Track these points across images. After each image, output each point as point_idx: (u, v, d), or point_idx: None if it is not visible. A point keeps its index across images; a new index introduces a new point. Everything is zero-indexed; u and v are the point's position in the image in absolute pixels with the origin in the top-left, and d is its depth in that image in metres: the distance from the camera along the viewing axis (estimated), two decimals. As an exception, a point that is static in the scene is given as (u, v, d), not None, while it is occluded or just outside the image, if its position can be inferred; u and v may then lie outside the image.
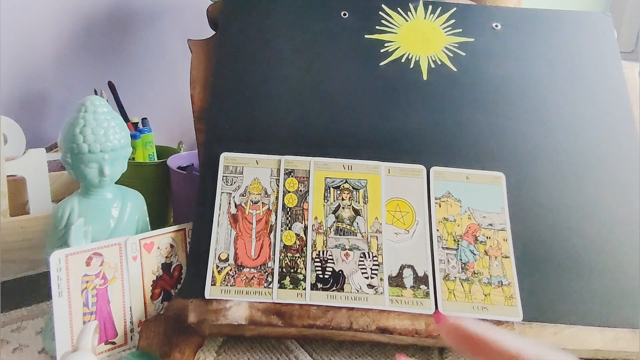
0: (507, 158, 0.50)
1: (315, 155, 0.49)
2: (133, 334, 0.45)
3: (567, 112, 0.52)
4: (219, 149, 0.49)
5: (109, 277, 0.44)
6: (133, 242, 0.45)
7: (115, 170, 0.46)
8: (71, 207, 0.45)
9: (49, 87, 0.80)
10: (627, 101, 0.53)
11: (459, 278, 0.45)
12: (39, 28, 0.78)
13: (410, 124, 0.51)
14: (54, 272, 0.41)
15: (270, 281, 0.44)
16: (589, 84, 0.54)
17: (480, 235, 0.47)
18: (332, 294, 0.44)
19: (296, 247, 0.46)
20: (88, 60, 0.83)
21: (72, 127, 0.44)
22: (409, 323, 0.43)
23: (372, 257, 0.46)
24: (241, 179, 0.48)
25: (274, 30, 0.54)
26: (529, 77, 0.54)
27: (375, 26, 0.55)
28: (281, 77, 0.52)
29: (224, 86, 0.52)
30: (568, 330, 0.43)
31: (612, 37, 0.56)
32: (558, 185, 0.49)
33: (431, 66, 0.54)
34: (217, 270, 0.45)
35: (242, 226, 0.46)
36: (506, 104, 0.52)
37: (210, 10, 0.57)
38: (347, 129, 0.51)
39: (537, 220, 0.48)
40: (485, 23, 0.56)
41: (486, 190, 0.49)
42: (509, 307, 0.44)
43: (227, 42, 0.54)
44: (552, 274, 0.46)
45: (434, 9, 0.56)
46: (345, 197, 0.48)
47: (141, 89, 0.90)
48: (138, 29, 0.88)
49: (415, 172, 0.49)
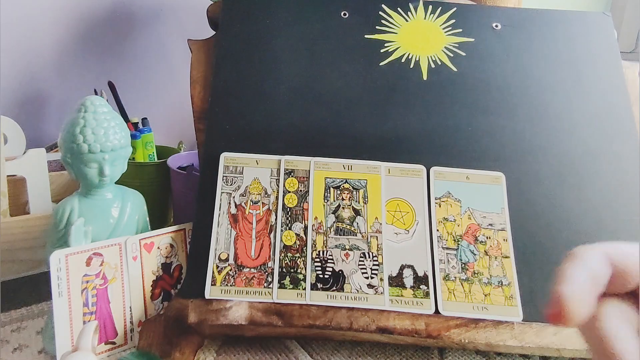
0: (507, 158, 0.50)
1: (315, 155, 0.49)
2: (133, 334, 0.45)
3: (567, 112, 0.52)
4: (219, 149, 0.49)
5: (109, 277, 0.44)
6: (133, 242, 0.45)
7: (115, 170, 0.46)
8: (71, 207, 0.45)
9: (49, 87, 0.80)
10: (627, 101, 0.53)
11: (459, 278, 0.45)
12: (39, 28, 0.78)
13: (410, 123, 0.51)
14: (54, 272, 0.41)
15: (270, 281, 0.44)
16: (589, 84, 0.54)
17: (480, 235, 0.47)
18: (332, 294, 0.44)
19: (296, 247, 0.46)
20: (88, 60, 0.83)
21: (72, 127, 0.44)
22: (409, 323, 0.43)
23: (372, 257, 0.46)
24: (241, 179, 0.48)
25: (274, 30, 0.54)
26: (529, 77, 0.54)
27: (375, 26, 0.55)
28: (281, 77, 0.52)
29: (224, 86, 0.52)
30: (568, 330, 0.43)
31: (612, 37, 0.56)
32: (558, 185, 0.49)
33: (431, 66, 0.54)
34: (217, 270, 0.45)
35: (242, 226, 0.46)
36: (506, 104, 0.52)
37: (210, 10, 0.57)
38: (347, 128, 0.51)
39: (537, 220, 0.48)
40: (485, 23, 0.56)
41: (486, 190, 0.49)
42: (508, 307, 0.44)
43: (227, 42, 0.54)
44: (552, 274, 0.46)
45: (434, 9, 0.56)
46: (345, 197, 0.48)
47: (141, 89, 0.90)
48: (138, 29, 0.88)
49: (415, 172, 0.49)
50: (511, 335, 0.43)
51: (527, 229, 0.47)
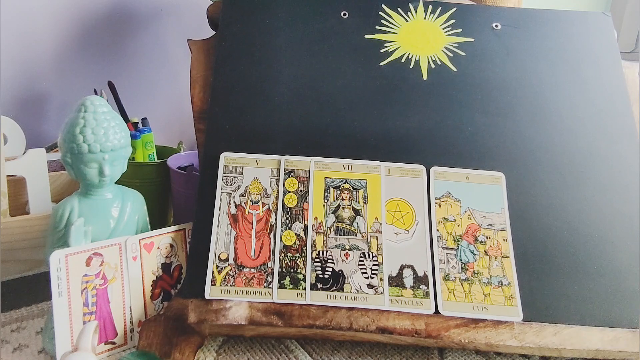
0: (507, 158, 0.50)
1: (315, 155, 0.49)
2: (133, 334, 0.45)
3: (566, 112, 0.52)
4: (219, 149, 0.49)
5: (109, 277, 0.44)
6: (133, 242, 0.45)
7: (115, 170, 0.46)
8: (71, 207, 0.45)
9: (49, 87, 0.80)
10: (627, 101, 0.53)
11: (458, 278, 0.45)
12: (39, 28, 0.78)
13: (410, 124, 0.51)
14: (54, 272, 0.41)
15: (270, 281, 0.44)
16: (589, 84, 0.54)
17: (480, 235, 0.47)
18: (332, 294, 0.44)
19: (296, 247, 0.46)
20: (88, 60, 0.83)
21: (72, 127, 0.44)
22: (409, 323, 0.43)
23: (372, 257, 0.46)
24: (241, 179, 0.48)
25: (274, 30, 0.54)
26: (529, 77, 0.54)
27: (375, 26, 0.55)
28: (281, 77, 0.52)
29: (224, 86, 0.52)
30: (568, 330, 0.43)
31: (612, 37, 0.56)
32: (558, 185, 0.49)
33: (431, 66, 0.54)
34: (217, 270, 0.45)
35: (242, 226, 0.46)
36: (506, 104, 0.52)
37: (210, 10, 0.57)
38: (347, 129, 0.51)
39: (537, 220, 0.48)
40: (485, 23, 0.56)
41: (486, 190, 0.49)
42: (508, 307, 0.44)
43: (227, 42, 0.54)
44: (552, 274, 0.46)
45: (434, 9, 0.56)
46: (345, 197, 0.48)
47: (141, 89, 0.90)
48: (138, 29, 0.88)
49: (415, 172, 0.49)
50: (511, 335, 0.43)
51: (527, 229, 0.47)
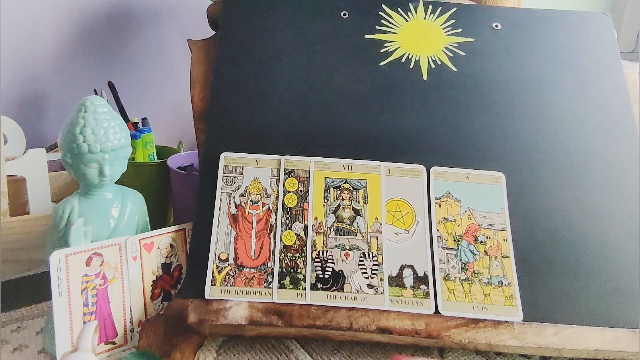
0: (507, 158, 0.50)
1: (315, 155, 0.49)
2: (133, 334, 0.45)
3: (567, 112, 0.52)
4: (219, 149, 0.49)
5: (109, 277, 0.44)
6: (133, 242, 0.45)
7: (115, 170, 0.46)
8: (71, 207, 0.45)
9: (49, 87, 0.80)
10: (627, 101, 0.53)
11: (459, 278, 0.45)
12: (39, 28, 0.78)
13: (410, 123, 0.51)
14: (54, 272, 0.41)
15: (270, 281, 0.44)
16: (588, 84, 0.54)
17: (480, 235, 0.47)
18: (332, 294, 0.44)
19: (296, 247, 0.46)
20: (88, 60, 0.83)
21: (72, 127, 0.44)
22: (409, 323, 0.43)
23: (372, 257, 0.46)
24: (241, 179, 0.48)
25: (274, 30, 0.54)
26: (529, 77, 0.54)
27: (375, 26, 0.55)
28: (281, 77, 0.52)
29: (224, 86, 0.52)
30: (568, 330, 0.43)
31: (612, 37, 0.56)
32: (558, 185, 0.49)
33: (431, 66, 0.54)
34: (217, 270, 0.45)
35: (242, 226, 0.46)
36: (506, 104, 0.52)
37: (210, 10, 0.57)
38: (347, 128, 0.51)
39: (537, 220, 0.48)
40: (485, 23, 0.56)
41: (486, 190, 0.49)
42: (508, 307, 0.44)
43: (227, 42, 0.54)
44: (552, 274, 0.46)
45: (434, 9, 0.56)
46: (345, 197, 0.48)
47: (141, 89, 0.90)
48: (138, 29, 0.88)
49: (415, 172, 0.49)
50: (511, 335, 0.43)
51: (527, 229, 0.47)
